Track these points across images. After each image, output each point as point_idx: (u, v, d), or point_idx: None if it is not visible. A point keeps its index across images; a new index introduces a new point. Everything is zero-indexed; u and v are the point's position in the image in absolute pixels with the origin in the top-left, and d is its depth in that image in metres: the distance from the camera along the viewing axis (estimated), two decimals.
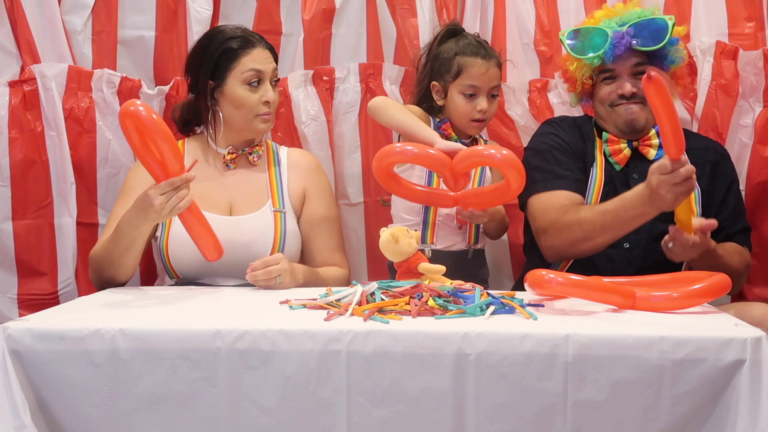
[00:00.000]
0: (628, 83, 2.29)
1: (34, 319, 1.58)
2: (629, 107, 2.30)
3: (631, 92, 2.29)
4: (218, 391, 1.48)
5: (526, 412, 1.46)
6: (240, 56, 2.24)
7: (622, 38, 2.25)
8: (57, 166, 2.53)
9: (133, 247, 2.07)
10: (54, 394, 1.50)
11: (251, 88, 2.24)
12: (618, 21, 2.29)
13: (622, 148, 2.32)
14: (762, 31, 2.61)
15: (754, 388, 1.44)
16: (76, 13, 2.58)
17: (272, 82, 2.28)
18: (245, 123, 2.27)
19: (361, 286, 1.69)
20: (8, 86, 2.53)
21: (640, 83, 2.17)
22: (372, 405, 1.47)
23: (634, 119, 2.30)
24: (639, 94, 2.28)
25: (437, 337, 1.47)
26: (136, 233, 2.03)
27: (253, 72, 2.24)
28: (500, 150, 1.97)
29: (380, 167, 2.07)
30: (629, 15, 2.30)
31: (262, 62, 2.25)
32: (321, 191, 2.35)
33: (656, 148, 2.31)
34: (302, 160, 2.39)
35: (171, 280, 2.25)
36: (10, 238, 2.55)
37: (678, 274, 2.04)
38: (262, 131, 2.31)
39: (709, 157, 2.35)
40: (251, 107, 2.24)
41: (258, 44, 2.27)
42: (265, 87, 2.25)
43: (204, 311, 1.75)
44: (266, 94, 2.25)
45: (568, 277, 1.73)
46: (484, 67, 2.26)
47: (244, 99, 2.24)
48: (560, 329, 1.47)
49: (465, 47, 2.28)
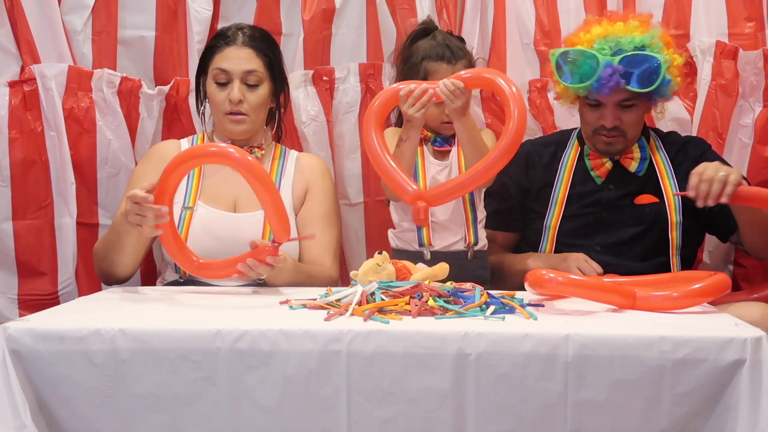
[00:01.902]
0: (610, 116, 2.28)
1: (34, 319, 1.57)
2: (609, 140, 2.31)
3: (613, 125, 2.29)
4: (218, 391, 1.48)
5: (526, 412, 1.46)
6: (215, 53, 2.29)
7: (611, 75, 2.20)
8: (57, 166, 2.53)
9: (122, 244, 2.07)
10: (54, 394, 1.50)
11: (219, 87, 2.27)
12: (613, 46, 2.23)
13: (604, 162, 2.36)
14: (762, 31, 2.61)
15: (754, 388, 1.44)
16: (76, 13, 2.58)
17: (247, 83, 2.26)
18: (219, 122, 2.31)
19: (361, 286, 1.69)
20: (8, 86, 2.53)
21: (623, 115, 2.26)
22: (372, 405, 1.47)
23: (610, 149, 2.34)
24: (621, 127, 2.29)
25: (437, 337, 1.47)
26: (122, 229, 2.03)
27: (218, 70, 2.27)
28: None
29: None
30: (625, 42, 2.23)
31: (232, 61, 2.26)
32: (322, 192, 2.34)
33: (638, 161, 2.34)
34: (311, 162, 2.39)
35: (176, 274, 2.25)
36: (10, 238, 2.55)
37: (678, 274, 2.06)
38: (233, 132, 2.28)
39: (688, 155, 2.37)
40: (218, 105, 2.27)
41: (236, 43, 2.27)
42: (232, 86, 2.25)
43: (204, 311, 1.75)
44: (231, 93, 2.25)
45: (568, 277, 1.74)
46: (449, 71, 2.18)
47: (212, 96, 2.29)
48: (560, 329, 1.47)
49: (431, 50, 2.24)
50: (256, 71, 2.27)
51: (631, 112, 2.29)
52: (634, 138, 2.34)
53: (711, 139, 2.57)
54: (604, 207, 2.35)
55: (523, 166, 2.41)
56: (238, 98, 2.24)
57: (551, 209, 2.38)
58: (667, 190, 2.33)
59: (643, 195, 2.34)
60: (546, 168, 2.41)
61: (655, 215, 2.33)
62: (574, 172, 2.39)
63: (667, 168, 2.36)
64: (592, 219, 2.35)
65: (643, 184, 2.35)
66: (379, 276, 1.78)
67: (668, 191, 2.33)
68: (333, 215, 2.35)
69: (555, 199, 2.38)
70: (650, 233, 2.32)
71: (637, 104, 2.28)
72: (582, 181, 2.38)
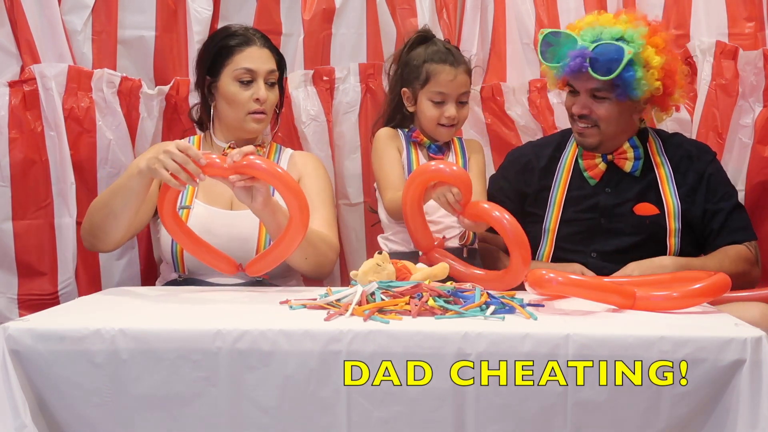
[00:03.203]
0: (580, 103, 2.29)
1: (34, 319, 1.57)
2: (581, 130, 2.32)
3: (581, 113, 2.30)
4: (218, 391, 1.48)
5: (526, 412, 1.46)
6: (234, 53, 2.27)
7: (575, 58, 2.22)
8: (57, 166, 2.54)
9: (124, 204, 2.05)
10: (54, 394, 1.50)
11: (243, 86, 2.27)
12: (596, 34, 2.24)
13: (597, 163, 2.35)
14: (762, 31, 2.61)
15: (754, 388, 1.44)
16: (76, 13, 2.58)
17: (268, 83, 2.28)
18: (237, 121, 2.29)
19: (361, 286, 1.69)
20: (8, 86, 2.53)
21: (595, 106, 2.26)
22: (372, 405, 1.47)
23: (583, 140, 2.34)
24: (592, 117, 2.29)
25: (437, 337, 1.47)
26: (133, 183, 2.01)
27: (244, 70, 2.26)
28: (451, 166, 2.00)
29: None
30: (607, 32, 2.23)
31: (256, 61, 2.27)
32: (315, 177, 2.34)
33: (632, 161, 2.33)
34: (303, 157, 2.40)
35: (175, 273, 2.25)
36: (10, 238, 2.55)
37: (678, 274, 2.05)
38: (254, 131, 2.30)
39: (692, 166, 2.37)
40: (242, 105, 2.26)
41: (256, 43, 2.29)
42: (257, 85, 2.26)
43: (204, 311, 1.75)
44: (258, 92, 2.26)
45: (568, 277, 1.74)
46: (452, 74, 2.24)
47: (235, 96, 2.27)
48: (560, 329, 1.47)
49: (433, 54, 2.27)
50: (275, 71, 2.31)
51: (603, 104, 2.27)
52: (613, 135, 2.32)
53: (711, 139, 2.58)
54: (602, 213, 2.34)
55: (521, 171, 2.41)
56: (266, 97, 2.26)
57: (549, 212, 2.38)
58: (667, 198, 2.32)
59: (643, 204, 2.33)
60: (544, 172, 2.41)
61: (654, 225, 2.32)
62: (571, 174, 2.39)
63: (668, 173, 2.35)
64: (589, 225, 2.35)
65: (642, 189, 2.34)
66: (379, 276, 1.78)
67: (668, 199, 2.32)
68: (328, 195, 2.35)
69: (553, 202, 2.37)
70: (649, 242, 2.31)
71: (608, 97, 2.27)
72: (579, 183, 2.38)
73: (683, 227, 2.32)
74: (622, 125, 2.33)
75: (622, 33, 2.23)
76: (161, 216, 1.97)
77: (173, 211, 1.97)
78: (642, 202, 2.33)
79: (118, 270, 2.61)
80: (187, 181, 1.87)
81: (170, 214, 1.96)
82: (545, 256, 2.38)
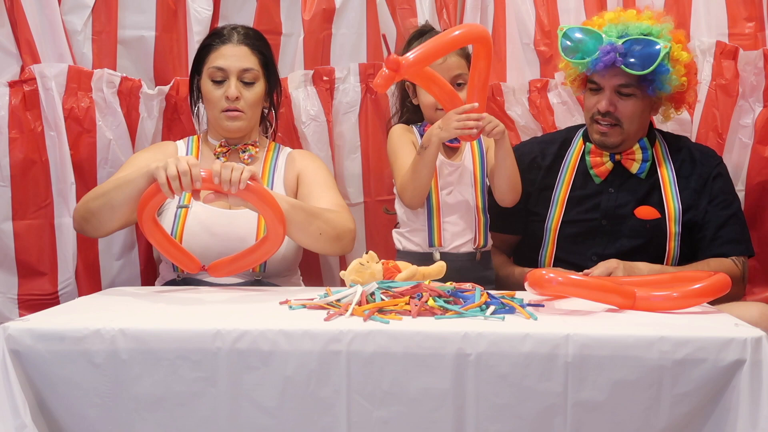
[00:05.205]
0: (605, 100, 2.28)
1: (34, 319, 1.57)
2: (603, 129, 2.30)
3: (606, 110, 2.29)
4: (218, 391, 1.48)
5: (526, 413, 1.46)
6: (211, 52, 2.31)
7: (608, 53, 2.21)
8: (57, 166, 2.53)
9: (125, 197, 2.02)
10: (54, 394, 1.50)
11: (215, 85, 2.29)
12: (621, 30, 2.25)
13: (604, 161, 2.35)
14: (762, 31, 2.61)
15: (754, 388, 1.44)
16: (76, 13, 2.58)
17: (243, 81, 2.28)
18: (215, 119, 2.31)
19: (361, 286, 1.69)
20: (8, 86, 2.53)
21: (620, 103, 2.25)
22: (372, 405, 1.47)
23: (605, 140, 2.33)
24: (615, 114, 2.28)
25: (437, 337, 1.47)
26: (138, 177, 1.98)
27: (216, 68, 2.28)
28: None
29: None
30: (633, 28, 2.24)
31: (228, 59, 2.28)
32: (314, 169, 2.34)
33: (640, 162, 2.33)
34: (301, 155, 2.41)
35: (174, 273, 2.25)
36: (10, 238, 2.55)
37: (678, 274, 2.05)
38: (230, 129, 2.30)
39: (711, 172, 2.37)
40: (215, 103, 2.29)
41: (232, 41, 2.29)
42: (228, 83, 2.27)
43: (204, 311, 1.75)
44: (227, 90, 2.27)
45: (569, 277, 1.73)
46: (449, 58, 2.21)
47: (208, 94, 2.30)
48: (560, 329, 1.47)
49: (424, 40, 2.26)
50: (252, 69, 2.30)
51: (628, 101, 2.28)
52: (633, 134, 2.33)
53: (711, 139, 2.58)
54: (604, 214, 2.34)
55: (526, 169, 2.39)
56: (235, 95, 2.26)
57: (552, 211, 2.37)
58: (669, 202, 2.32)
59: (644, 207, 2.33)
60: (548, 170, 2.41)
61: (654, 228, 2.32)
62: (575, 172, 2.38)
63: (671, 178, 2.34)
64: (590, 226, 2.35)
65: (645, 191, 2.34)
66: (361, 276, 1.78)
67: (670, 203, 2.32)
68: (331, 183, 2.35)
69: (556, 201, 2.37)
70: (648, 246, 2.32)
71: (635, 94, 2.27)
72: (583, 182, 2.37)
73: (683, 231, 2.31)
74: (642, 123, 2.34)
75: (650, 29, 2.24)
76: (138, 209, 1.95)
77: (152, 212, 1.96)
78: (644, 205, 2.33)
79: (118, 270, 2.61)
80: (176, 192, 1.87)
81: (149, 216, 1.95)
82: (548, 257, 2.38)
